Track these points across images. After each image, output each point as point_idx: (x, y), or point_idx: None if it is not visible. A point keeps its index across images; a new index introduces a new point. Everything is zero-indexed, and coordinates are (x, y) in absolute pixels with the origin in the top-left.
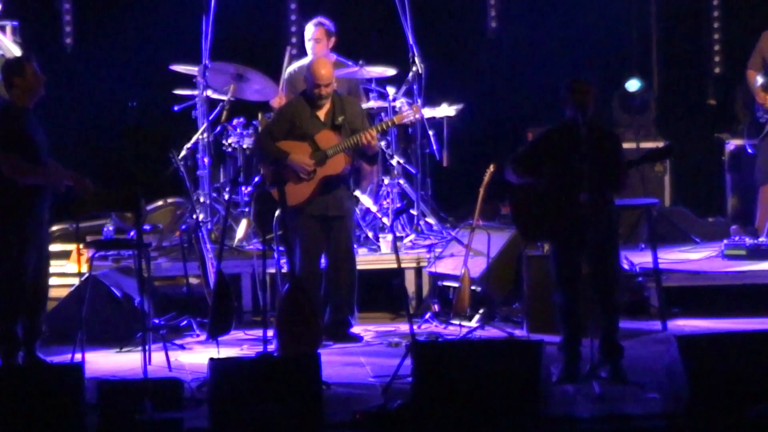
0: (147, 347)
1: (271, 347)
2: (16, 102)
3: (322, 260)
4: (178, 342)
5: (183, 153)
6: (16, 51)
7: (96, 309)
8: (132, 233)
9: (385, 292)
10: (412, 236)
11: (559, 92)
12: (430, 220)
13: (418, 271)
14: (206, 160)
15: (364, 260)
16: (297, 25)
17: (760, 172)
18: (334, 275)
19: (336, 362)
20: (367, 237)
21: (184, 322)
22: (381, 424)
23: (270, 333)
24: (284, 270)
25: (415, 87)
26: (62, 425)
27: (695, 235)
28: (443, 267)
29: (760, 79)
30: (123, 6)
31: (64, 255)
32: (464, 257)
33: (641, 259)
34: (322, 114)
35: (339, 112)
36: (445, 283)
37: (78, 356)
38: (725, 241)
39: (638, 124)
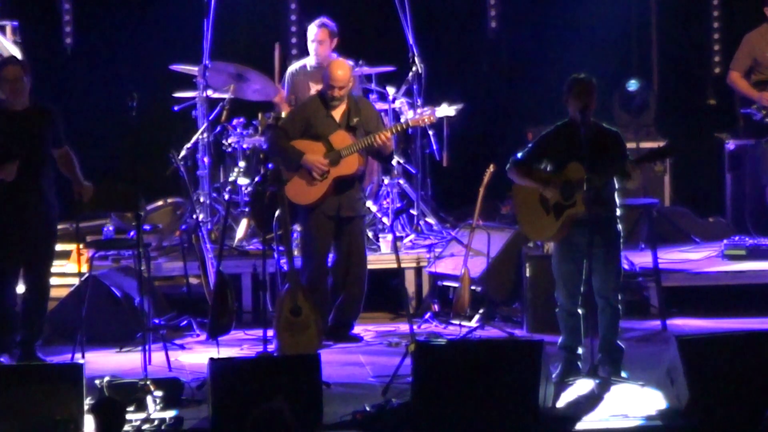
0: (147, 347)
1: (271, 347)
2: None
3: (329, 259)
4: (178, 342)
5: (183, 153)
6: (15, 52)
7: (96, 309)
8: (132, 233)
9: (385, 292)
10: (412, 236)
11: (560, 91)
12: (430, 220)
13: (418, 271)
14: (206, 160)
15: None
16: (297, 25)
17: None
18: (343, 276)
19: (336, 362)
20: (367, 237)
21: (184, 322)
22: (381, 424)
23: (270, 333)
24: (284, 270)
25: (415, 87)
26: (62, 425)
27: (695, 235)
28: (443, 267)
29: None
30: (123, 6)
31: (64, 255)
32: (464, 257)
33: (641, 259)
34: (337, 115)
35: (354, 113)
36: (445, 283)
37: (78, 356)
38: (725, 241)
39: (638, 124)
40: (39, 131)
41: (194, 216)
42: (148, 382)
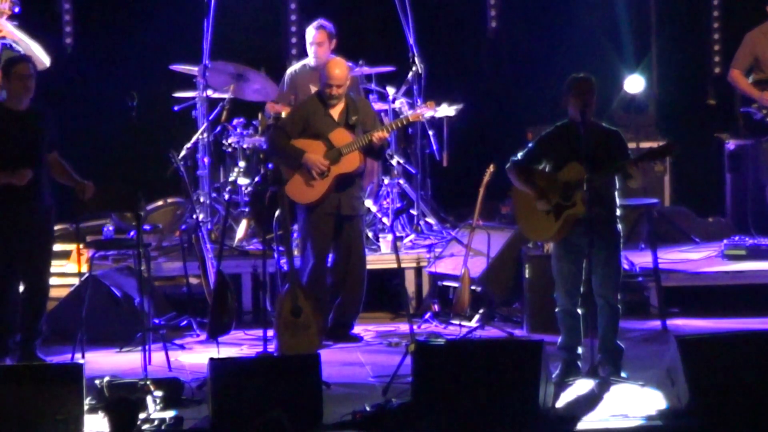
0: (147, 347)
1: (271, 347)
2: (3, 101)
3: (328, 259)
4: (178, 342)
5: (183, 153)
6: (41, 54)
7: (96, 309)
8: (132, 233)
9: (385, 292)
10: (412, 236)
11: (560, 91)
12: (430, 220)
13: (418, 271)
14: (206, 160)
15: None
16: (297, 25)
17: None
18: (343, 275)
19: (336, 362)
20: (367, 237)
21: (184, 322)
22: (381, 424)
23: (270, 333)
24: (284, 270)
25: (415, 87)
26: (62, 425)
27: (695, 235)
28: (443, 267)
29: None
30: (123, 6)
31: (64, 255)
32: (464, 257)
33: (641, 259)
34: (335, 113)
35: (353, 112)
36: (445, 283)
37: (78, 356)
38: (725, 241)
39: (638, 124)
40: (38, 132)
41: (194, 216)
42: (148, 382)
